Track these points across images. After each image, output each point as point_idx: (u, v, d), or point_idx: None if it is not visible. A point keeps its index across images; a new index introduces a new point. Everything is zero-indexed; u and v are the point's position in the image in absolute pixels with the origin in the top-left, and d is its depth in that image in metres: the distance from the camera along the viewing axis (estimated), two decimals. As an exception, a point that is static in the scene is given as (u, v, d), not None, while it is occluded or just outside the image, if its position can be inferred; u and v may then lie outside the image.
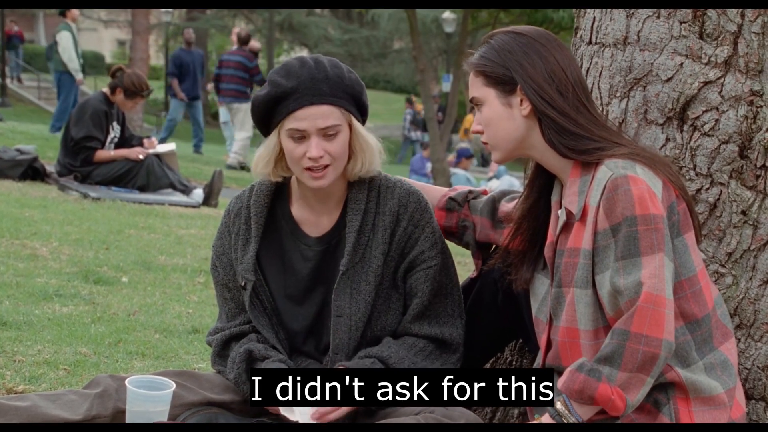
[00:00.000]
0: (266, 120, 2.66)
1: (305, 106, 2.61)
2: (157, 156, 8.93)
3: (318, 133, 2.62)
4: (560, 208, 2.58)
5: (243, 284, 2.76)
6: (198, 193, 9.08)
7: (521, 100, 2.55)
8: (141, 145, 8.85)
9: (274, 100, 2.62)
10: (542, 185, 2.67)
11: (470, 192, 2.97)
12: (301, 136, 2.62)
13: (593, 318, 2.47)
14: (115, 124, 8.67)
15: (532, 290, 2.69)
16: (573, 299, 2.50)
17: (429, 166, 19.40)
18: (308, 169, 2.64)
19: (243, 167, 14.23)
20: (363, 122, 2.72)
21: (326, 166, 2.64)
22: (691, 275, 2.47)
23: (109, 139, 8.63)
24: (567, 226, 2.54)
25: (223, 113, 15.34)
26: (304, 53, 36.93)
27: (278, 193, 2.81)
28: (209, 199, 9.04)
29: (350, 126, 2.68)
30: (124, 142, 8.80)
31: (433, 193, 2.99)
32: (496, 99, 2.57)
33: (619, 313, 2.39)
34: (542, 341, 2.63)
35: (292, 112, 2.61)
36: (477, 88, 2.61)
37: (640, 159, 2.47)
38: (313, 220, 2.78)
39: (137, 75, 8.60)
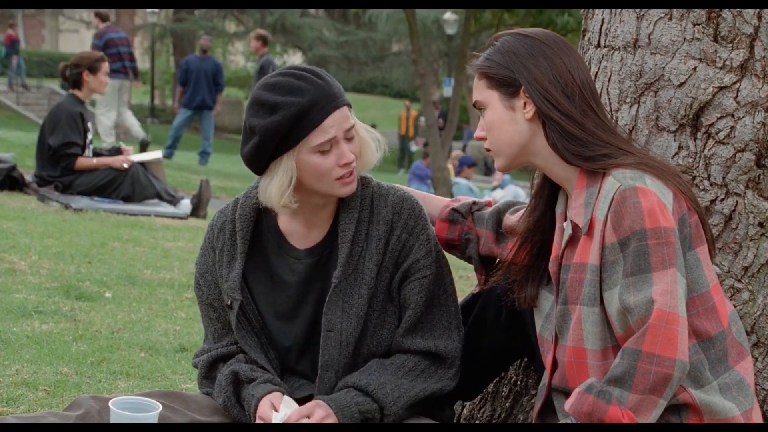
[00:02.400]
0: (280, 146, 2.63)
1: (330, 112, 2.63)
2: (143, 164, 8.93)
3: (344, 137, 2.65)
4: (565, 220, 2.58)
5: (229, 303, 2.76)
6: (185, 204, 9.07)
7: (524, 103, 2.55)
8: (120, 153, 8.88)
9: (294, 120, 2.61)
10: (549, 197, 2.67)
11: (474, 203, 2.97)
12: (329, 148, 2.64)
13: (601, 337, 2.46)
14: (89, 124, 8.69)
15: (536, 307, 2.69)
16: (579, 317, 2.49)
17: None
18: (339, 177, 2.66)
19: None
20: None
21: (352, 170, 2.68)
22: (703, 291, 2.46)
23: (87, 141, 8.64)
24: (573, 240, 2.54)
25: None
26: (298, 56, 36.97)
27: (263, 207, 2.81)
28: (197, 210, 9.03)
29: None
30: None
31: (434, 203, 2.99)
32: (498, 102, 2.58)
33: (628, 332, 2.38)
34: (548, 361, 2.62)
35: (318, 124, 2.61)
36: (480, 91, 2.62)
37: (649, 169, 2.46)
38: (302, 231, 2.77)
39: (82, 52, 9.14)
